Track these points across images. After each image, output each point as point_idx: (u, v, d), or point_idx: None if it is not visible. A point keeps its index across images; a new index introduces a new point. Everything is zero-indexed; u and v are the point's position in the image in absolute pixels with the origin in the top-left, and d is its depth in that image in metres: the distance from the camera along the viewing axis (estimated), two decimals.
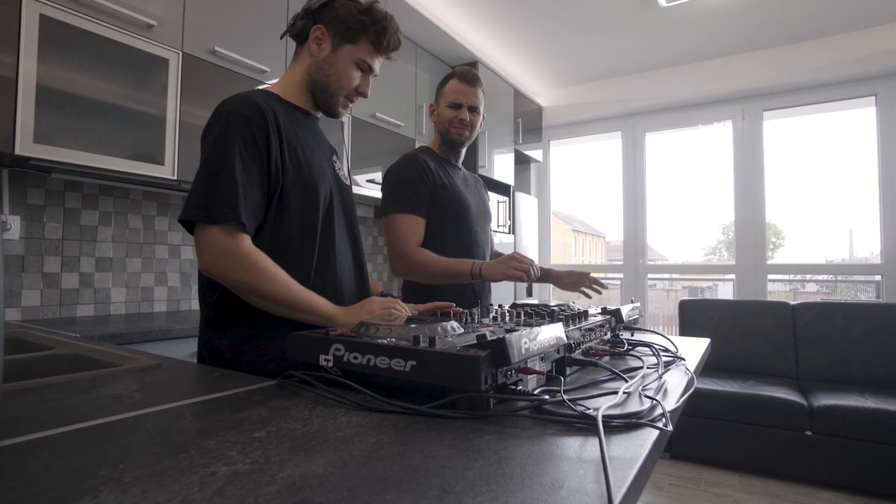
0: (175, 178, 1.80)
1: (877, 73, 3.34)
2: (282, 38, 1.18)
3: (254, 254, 0.91)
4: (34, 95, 1.45)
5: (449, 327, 0.78)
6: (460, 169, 1.71)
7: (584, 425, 0.56)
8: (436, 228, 1.54)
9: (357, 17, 1.05)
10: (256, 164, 0.93)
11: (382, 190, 1.56)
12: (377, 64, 1.10)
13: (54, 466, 0.43)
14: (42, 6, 1.47)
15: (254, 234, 0.96)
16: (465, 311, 1.01)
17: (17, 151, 1.42)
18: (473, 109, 1.59)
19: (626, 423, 0.56)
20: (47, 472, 0.42)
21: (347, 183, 1.18)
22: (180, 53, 1.82)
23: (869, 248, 3.57)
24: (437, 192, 1.54)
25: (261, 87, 1.08)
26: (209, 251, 0.89)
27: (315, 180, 1.02)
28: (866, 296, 3.88)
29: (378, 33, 1.06)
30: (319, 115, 1.15)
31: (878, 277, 3.48)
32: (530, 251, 4.01)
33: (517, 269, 1.36)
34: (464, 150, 1.69)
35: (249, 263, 0.89)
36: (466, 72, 1.59)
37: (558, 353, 0.78)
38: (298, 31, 1.07)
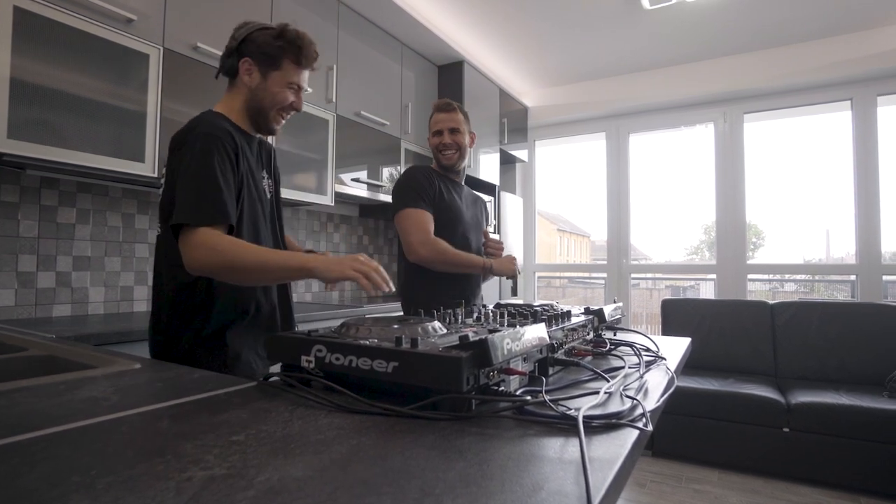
0: (156, 175, 1.77)
1: (852, 79, 3.42)
2: (216, 77, 1.24)
3: (233, 241, 1.03)
4: (7, 89, 1.41)
5: (431, 328, 0.77)
6: (462, 186, 1.88)
7: (566, 426, 0.56)
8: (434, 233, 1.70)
9: (273, 44, 1.15)
10: (231, 177, 1.09)
11: (392, 196, 1.74)
12: (304, 79, 1.22)
13: (23, 473, 0.41)
14: None
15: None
16: (449, 311, 1.01)
17: None
18: (454, 131, 1.74)
19: (607, 424, 0.56)
20: (15, 479, 0.40)
21: (267, 195, 1.27)
22: (161, 49, 1.79)
23: (845, 248, 3.65)
24: (437, 200, 1.71)
25: (211, 110, 1.18)
26: (199, 247, 0.99)
27: (260, 192, 1.20)
28: (842, 295, 3.97)
29: (296, 54, 1.17)
30: (258, 136, 1.26)
31: (852, 277, 3.56)
32: (515, 250, 4.03)
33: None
34: (462, 170, 1.85)
35: (230, 248, 1.01)
36: (442, 102, 1.78)
37: (541, 353, 0.78)
38: (230, 68, 1.17)
